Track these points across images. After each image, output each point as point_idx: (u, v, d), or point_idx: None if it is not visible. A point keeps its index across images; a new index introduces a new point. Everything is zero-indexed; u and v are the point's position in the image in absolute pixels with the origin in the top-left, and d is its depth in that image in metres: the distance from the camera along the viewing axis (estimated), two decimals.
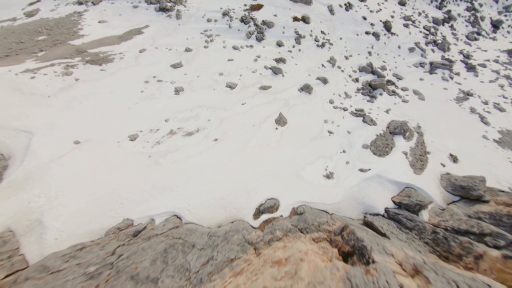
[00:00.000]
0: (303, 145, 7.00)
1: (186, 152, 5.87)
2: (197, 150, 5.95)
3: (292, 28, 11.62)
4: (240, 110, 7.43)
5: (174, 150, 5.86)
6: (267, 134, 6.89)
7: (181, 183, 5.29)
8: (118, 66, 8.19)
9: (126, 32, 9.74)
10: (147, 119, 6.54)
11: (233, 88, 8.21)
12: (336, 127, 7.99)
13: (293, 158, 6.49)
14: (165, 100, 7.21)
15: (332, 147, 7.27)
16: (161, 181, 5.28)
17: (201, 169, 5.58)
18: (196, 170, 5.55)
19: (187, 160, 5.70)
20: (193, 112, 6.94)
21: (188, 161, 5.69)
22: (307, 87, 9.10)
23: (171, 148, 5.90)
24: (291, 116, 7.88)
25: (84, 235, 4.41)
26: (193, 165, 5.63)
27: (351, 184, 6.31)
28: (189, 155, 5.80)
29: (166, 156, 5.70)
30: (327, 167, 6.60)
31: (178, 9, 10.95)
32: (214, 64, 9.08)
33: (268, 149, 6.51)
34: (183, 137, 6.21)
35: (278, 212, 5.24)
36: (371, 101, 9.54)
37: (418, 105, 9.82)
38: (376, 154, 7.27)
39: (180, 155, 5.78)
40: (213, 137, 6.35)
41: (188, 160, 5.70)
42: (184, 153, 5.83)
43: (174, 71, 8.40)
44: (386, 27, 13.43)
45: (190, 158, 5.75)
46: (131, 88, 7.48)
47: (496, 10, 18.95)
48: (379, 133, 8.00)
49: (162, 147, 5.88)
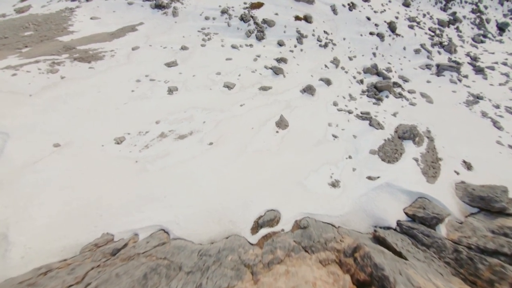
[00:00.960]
0: (306, 150, 6.45)
1: (178, 157, 5.31)
2: (189, 155, 5.39)
3: (293, 27, 11.15)
4: (238, 112, 6.89)
5: (164, 154, 5.30)
6: (267, 138, 6.34)
7: (170, 192, 4.71)
8: (108, 64, 7.66)
9: (119, 29, 9.25)
10: (136, 121, 5.99)
11: (231, 89, 7.68)
12: (341, 131, 7.45)
13: (295, 164, 5.93)
14: (157, 101, 6.67)
15: (337, 152, 6.72)
16: (148, 189, 4.71)
17: (194, 177, 5.01)
18: (188, 177, 4.98)
19: (178, 166, 5.14)
20: (187, 113, 6.40)
21: (180, 167, 5.13)
22: (310, 88, 8.58)
23: (161, 152, 5.34)
24: (292, 118, 7.35)
25: (56, 253, 3.82)
26: (184, 171, 5.07)
27: (359, 194, 5.75)
28: (181, 161, 5.24)
29: (155, 162, 5.14)
30: (332, 175, 6.04)
31: (175, 6, 10.48)
32: (211, 63, 8.57)
33: (268, 154, 5.95)
34: (174, 140, 5.65)
35: (279, 226, 4.67)
36: (377, 103, 9.02)
37: (426, 108, 9.31)
38: (385, 160, 6.72)
39: (170, 160, 5.22)
40: (208, 140, 5.80)
41: (180, 166, 5.14)
42: (175, 158, 5.27)
43: (169, 70, 7.88)
44: (391, 28, 12.99)
45: (181, 164, 5.19)
46: (121, 87, 6.95)
47: (501, 13, 18.59)
48: (387, 138, 7.46)
49: (151, 152, 5.32)
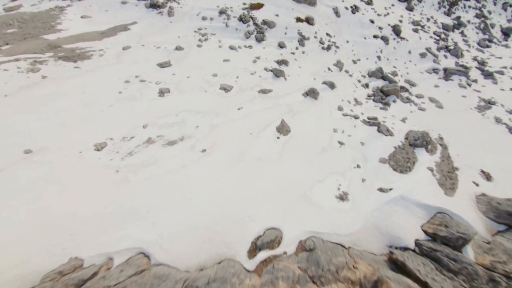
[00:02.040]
0: (310, 158, 5.83)
1: (165, 166, 4.67)
2: (179, 164, 4.75)
3: (295, 29, 10.69)
4: (235, 116, 6.29)
5: (150, 163, 4.66)
6: (267, 145, 5.73)
7: (154, 207, 4.06)
8: (96, 63, 7.10)
9: (110, 28, 8.73)
10: (121, 125, 5.37)
11: (228, 91, 7.10)
12: (347, 137, 6.84)
13: (299, 174, 5.30)
14: (146, 103, 6.07)
15: (344, 161, 6.10)
16: (129, 204, 4.05)
17: (183, 189, 4.36)
18: (176, 189, 4.33)
19: (166, 177, 4.49)
20: (179, 117, 5.80)
21: (167, 177, 4.48)
22: (313, 92, 8.02)
23: (147, 160, 4.70)
24: (295, 123, 6.75)
25: (10, 283, 3.15)
26: (172, 183, 4.42)
27: (371, 208, 5.11)
28: (169, 170, 4.60)
29: (138, 171, 4.49)
30: (340, 186, 5.41)
31: (170, 6, 10.02)
32: (207, 64, 8.03)
33: (268, 162, 5.32)
34: (163, 147, 5.02)
35: (281, 248, 4.00)
36: (384, 108, 8.46)
37: (436, 113, 8.74)
38: (397, 170, 6.09)
39: (157, 169, 4.57)
40: (201, 147, 5.17)
41: (167, 177, 4.49)
42: (162, 168, 4.62)
43: (161, 71, 7.32)
44: (395, 31, 12.56)
45: (169, 173, 4.55)
46: (107, 88, 6.36)
47: (505, 18, 18.32)
48: (397, 145, 6.85)
49: (135, 159, 4.68)
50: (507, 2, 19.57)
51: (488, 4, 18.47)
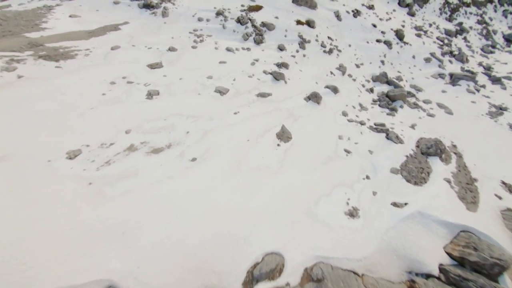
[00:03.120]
0: (315, 168, 5.20)
1: (148, 177, 4.02)
2: (164, 175, 4.10)
3: (295, 32, 10.24)
4: (231, 121, 5.69)
5: (129, 174, 4.01)
6: (266, 153, 5.10)
7: (131, 227, 3.39)
8: (80, 63, 6.52)
9: (99, 28, 8.21)
10: (101, 129, 4.74)
11: (224, 94, 6.53)
12: (354, 145, 6.24)
13: (302, 186, 4.66)
14: (131, 106, 5.47)
15: (352, 171, 5.47)
16: (101, 223, 3.38)
17: (167, 205, 3.70)
18: (159, 205, 3.67)
19: (147, 190, 3.83)
20: (167, 121, 5.18)
21: (149, 191, 3.83)
22: (315, 96, 7.47)
23: (126, 171, 4.05)
24: (296, 129, 6.16)
25: None
26: (155, 197, 3.76)
27: (385, 226, 4.46)
28: (151, 182, 3.95)
29: (116, 184, 3.84)
30: (349, 200, 4.76)
31: (165, 7, 9.56)
32: (202, 66, 7.48)
33: (268, 173, 4.69)
34: (146, 155, 4.38)
35: (283, 278, 3.32)
36: (392, 114, 7.91)
37: (447, 120, 8.20)
38: (411, 181, 5.47)
39: (137, 181, 3.92)
40: (191, 155, 4.53)
41: (149, 190, 3.84)
42: (144, 179, 3.97)
43: (151, 72, 6.74)
44: (398, 36, 12.19)
45: (152, 186, 3.89)
46: (90, 90, 5.76)
47: (506, 25, 18.14)
48: (408, 154, 6.25)
49: (113, 170, 4.03)
50: (507, 10, 19.48)
51: (488, 11, 18.33)
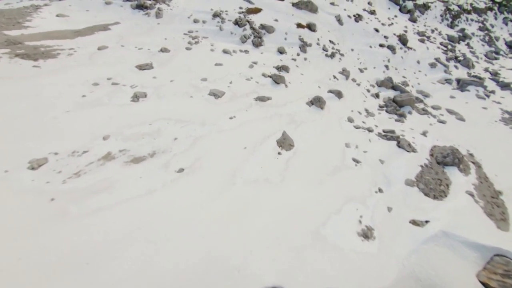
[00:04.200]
0: (321, 181, 4.56)
1: (124, 192, 3.35)
2: (144, 189, 3.44)
3: (296, 35, 9.81)
4: (226, 126, 5.08)
5: (101, 188, 3.35)
6: (265, 163, 4.47)
7: (98, 256, 2.70)
8: (62, 63, 5.94)
9: (87, 27, 7.70)
10: (74, 135, 4.10)
11: (219, 97, 5.94)
12: (363, 154, 5.63)
13: (308, 202, 4.00)
14: (114, 109, 4.85)
15: (363, 183, 4.84)
16: (59, 250, 2.69)
17: (144, 227, 3.03)
18: (134, 228, 3.00)
19: (122, 208, 3.16)
20: (153, 126, 4.55)
21: (123, 209, 3.16)
22: (319, 101, 6.91)
23: (98, 184, 3.39)
24: (299, 136, 5.55)
25: None
26: (130, 217, 3.09)
27: (405, 250, 3.79)
28: (127, 198, 3.28)
29: (83, 200, 3.17)
30: (361, 218, 4.10)
31: (159, 8, 9.11)
32: (196, 68, 6.93)
33: (267, 186, 4.04)
34: (124, 165, 3.73)
35: None
36: (400, 120, 7.35)
37: (459, 126, 7.65)
38: (429, 195, 4.84)
39: (110, 197, 3.25)
40: (177, 166, 3.89)
41: (123, 208, 3.17)
42: (119, 194, 3.31)
43: (140, 73, 6.17)
44: (402, 41, 11.81)
45: (127, 204, 3.22)
46: (69, 91, 5.15)
47: (507, 32, 17.98)
48: (423, 163, 5.64)
49: (82, 183, 3.37)
50: (507, 17, 19.40)
51: (489, 18, 18.21)
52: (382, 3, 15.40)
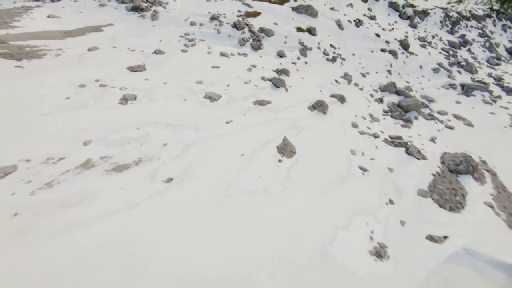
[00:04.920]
0: (326, 191, 4.12)
1: (101, 205, 2.91)
2: (125, 202, 3.00)
3: (295, 38, 9.55)
4: (222, 131, 4.67)
5: (76, 200, 2.90)
6: (265, 171, 4.04)
7: (60, 285, 2.23)
8: (47, 64, 5.57)
9: (78, 29, 7.38)
10: (51, 140, 3.68)
11: (215, 100, 5.56)
12: (370, 161, 5.22)
13: (313, 216, 3.56)
14: (99, 112, 4.44)
15: (372, 194, 4.41)
16: (16, 278, 2.22)
17: (122, 251, 2.57)
18: (110, 252, 2.53)
19: (96, 226, 2.71)
20: (141, 131, 4.14)
21: (98, 227, 2.70)
22: (321, 105, 6.54)
23: (72, 196, 2.94)
24: (301, 142, 5.15)
25: None
26: (105, 238, 2.63)
27: (423, 271, 3.33)
28: (104, 213, 2.83)
29: (52, 215, 2.71)
30: (373, 234, 3.65)
31: (155, 10, 8.85)
32: (192, 71, 6.58)
33: (267, 198, 3.59)
34: (105, 174, 3.29)
35: None
36: (407, 126, 6.98)
37: (467, 132, 7.29)
38: (445, 206, 4.40)
39: (84, 212, 2.80)
40: (166, 175, 3.45)
41: (98, 226, 2.71)
42: (95, 208, 2.85)
43: (131, 75, 5.81)
44: (403, 46, 11.60)
45: (103, 220, 2.77)
46: (52, 93, 4.75)
47: (506, 39, 17.93)
48: (435, 172, 5.23)
49: (54, 194, 2.92)
50: (506, 24, 19.43)
51: (488, 25, 18.20)
52: (381, 9, 15.33)
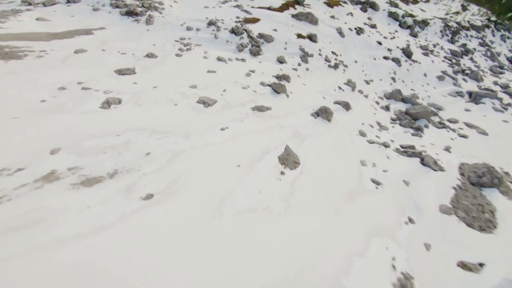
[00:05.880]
0: (336, 208, 3.53)
1: (60, 229, 2.30)
2: (91, 224, 2.40)
3: (296, 45, 9.22)
4: (215, 139, 4.13)
5: (28, 222, 2.29)
6: (265, 185, 3.46)
7: None
8: (26, 65, 5.10)
9: (67, 31, 6.99)
10: (12, 147, 3.12)
11: (209, 106, 5.06)
12: (383, 173, 4.65)
13: (323, 241, 2.95)
14: (76, 116, 3.91)
15: (388, 211, 3.81)
16: None
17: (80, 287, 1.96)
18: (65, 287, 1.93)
19: (51, 254, 2.10)
20: (121, 137, 3.59)
21: (52, 256, 2.09)
22: (325, 112, 6.05)
23: (24, 216, 2.34)
24: (305, 152, 4.60)
25: None
26: (60, 271, 2.02)
27: None
28: (63, 239, 2.22)
29: None
30: (394, 261, 3.03)
31: (150, 15, 8.53)
32: (186, 75, 6.13)
33: (268, 218, 3.00)
34: (71, 188, 2.71)
35: None
36: (418, 134, 6.47)
37: (483, 141, 6.78)
38: (473, 226, 3.81)
39: (37, 238, 2.19)
40: (145, 190, 2.87)
41: (53, 255, 2.11)
42: (52, 233, 2.25)
43: (118, 79, 5.33)
44: (406, 54, 11.31)
45: (61, 247, 2.16)
46: (26, 96, 4.24)
47: (506, 48, 17.84)
48: (455, 184, 4.66)
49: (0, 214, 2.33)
50: (504, 34, 19.44)
51: (487, 35, 18.18)
52: (381, 19, 15.25)
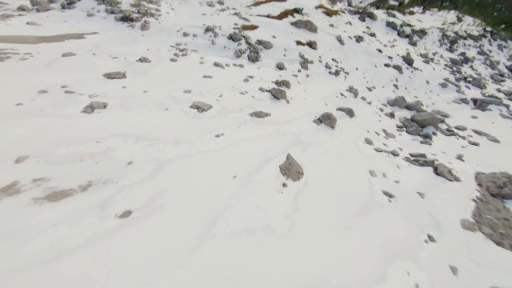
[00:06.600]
0: (347, 225, 3.07)
1: (17, 253, 1.84)
2: (53, 249, 1.93)
3: (296, 52, 8.99)
4: (209, 146, 3.71)
5: None
6: (265, 199, 3.02)
7: None
8: (8, 67, 4.74)
9: (57, 35, 6.69)
10: None
11: (204, 111, 4.67)
12: (395, 185, 4.22)
13: (332, 264, 2.48)
14: (54, 120, 3.50)
15: (405, 228, 3.36)
16: None
17: None
18: None
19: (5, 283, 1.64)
20: (101, 144, 3.16)
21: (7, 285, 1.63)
22: (329, 118, 5.69)
23: None
24: (309, 161, 4.18)
25: None
26: None
27: None
28: (19, 268, 1.75)
29: None
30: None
31: (146, 20, 8.31)
32: (180, 79, 5.79)
33: (269, 240, 2.54)
34: (33, 204, 2.25)
35: None
36: (427, 142, 6.09)
37: (495, 149, 6.39)
38: (503, 244, 3.35)
39: None
40: (123, 206, 2.42)
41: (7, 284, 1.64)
42: (6, 259, 1.79)
43: (107, 82, 4.96)
44: (407, 61, 11.14)
45: (14, 277, 1.69)
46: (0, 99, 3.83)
47: (503, 57, 17.89)
48: (475, 196, 4.23)
49: None
50: (501, 44, 19.57)
51: (485, 44, 18.27)
52: (380, 28, 15.26)
